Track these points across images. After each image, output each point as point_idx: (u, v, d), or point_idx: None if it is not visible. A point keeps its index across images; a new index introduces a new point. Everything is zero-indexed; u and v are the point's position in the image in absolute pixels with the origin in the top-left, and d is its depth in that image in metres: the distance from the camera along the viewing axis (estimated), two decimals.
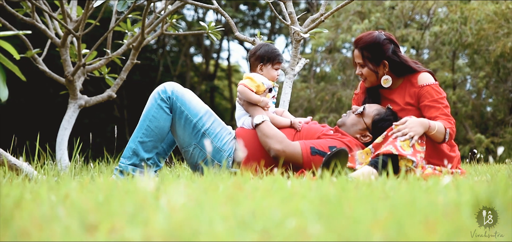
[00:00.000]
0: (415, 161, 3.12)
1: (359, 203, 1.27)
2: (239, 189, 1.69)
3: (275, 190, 1.65)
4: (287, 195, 1.53)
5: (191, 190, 1.51)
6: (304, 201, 1.33)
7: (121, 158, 3.36)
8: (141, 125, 3.37)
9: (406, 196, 1.40)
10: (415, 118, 3.27)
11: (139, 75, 16.56)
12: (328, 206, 1.24)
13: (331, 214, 1.17)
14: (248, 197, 1.45)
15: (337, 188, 1.79)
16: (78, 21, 5.05)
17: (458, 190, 1.48)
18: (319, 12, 4.21)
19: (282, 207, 1.31)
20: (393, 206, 1.25)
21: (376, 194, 1.52)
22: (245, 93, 3.44)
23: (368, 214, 1.14)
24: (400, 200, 1.33)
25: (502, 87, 12.00)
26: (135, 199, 1.30)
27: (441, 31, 11.80)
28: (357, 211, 1.17)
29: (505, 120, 11.79)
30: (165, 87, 3.39)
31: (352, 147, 3.39)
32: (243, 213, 1.26)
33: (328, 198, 1.33)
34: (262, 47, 3.54)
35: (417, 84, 3.48)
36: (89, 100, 5.28)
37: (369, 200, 1.35)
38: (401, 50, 3.59)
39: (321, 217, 1.17)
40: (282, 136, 3.35)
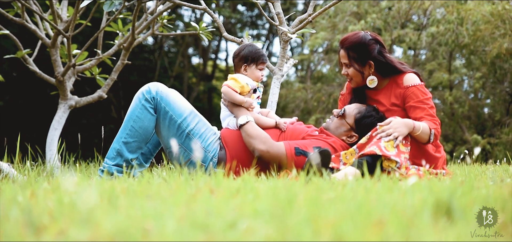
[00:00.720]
0: (399, 162, 3.11)
1: (317, 204, 1.27)
2: (210, 189, 1.68)
3: (242, 190, 1.64)
4: (252, 196, 1.52)
5: (152, 189, 1.50)
6: (262, 202, 1.33)
7: (105, 159, 3.36)
8: (125, 126, 3.37)
9: (367, 197, 1.39)
10: (400, 118, 3.26)
11: (137, 76, 16.56)
12: (282, 207, 1.23)
13: (284, 215, 1.16)
14: (209, 197, 1.44)
15: (310, 188, 1.78)
16: (68, 21, 5.05)
17: (421, 191, 1.47)
18: (307, 12, 4.21)
19: (241, 208, 1.30)
20: (349, 206, 1.24)
21: (343, 195, 1.52)
22: (229, 94, 3.43)
23: (321, 215, 1.14)
24: (359, 201, 1.32)
25: (499, 88, 11.99)
26: (89, 199, 1.29)
27: (438, 32, 11.79)
28: (311, 212, 1.16)
29: (501, 120, 11.77)
30: (149, 87, 3.39)
31: (337, 147, 3.39)
32: (199, 213, 1.25)
33: (287, 198, 1.32)
34: (246, 48, 3.54)
35: (403, 85, 3.47)
36: (80, 100, 5.27)
37: (331, 202, 1.34)
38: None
39: (273, 218, 1.16)
40: (266, 137, 3.34)
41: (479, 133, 12.31)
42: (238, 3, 17.65)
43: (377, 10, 12.19)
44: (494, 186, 1.80)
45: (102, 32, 5.40)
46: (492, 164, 4.67)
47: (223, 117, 3.53)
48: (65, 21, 5.18)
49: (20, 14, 4.96)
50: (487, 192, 1.55)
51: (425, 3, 12.04)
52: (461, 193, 1.34)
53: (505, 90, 12.02)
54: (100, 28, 5.26)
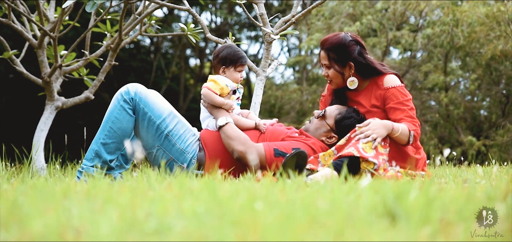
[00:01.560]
0: (377, 163, 3.10)
1: (251, 208, 1.26)
2: (168, 190, 1.68)
3: (197, 191, 1.63)
4: (201, 197, 1.51)
5: (97, 190, 1.50)
6: (203, 203, 1.32)
7: (84, 160, 3.35)
8: (104, 127, 3.36)
9: (313, 199, 1.39)
10: (379, 120, 3.25)
11: (134, 77, 16.55)
12: (224, 208, 1.22)
13: (223, 216, 1.16)
14: (155, 199, 1.43)
15: (272, 191, 1.77)
16: (55, 22, 5.04)
17: (369, 192, 1.46)
18: (291, 13, 4.20)
19: (183, 209, 1.30)
20: (287, 209, 1.23)
21: (292, 197, 1.51)
22: (209, 95, 3.43)
23: (256, 218, 1.13)
24: (303, 203, 1.31)
25: (494, 89, 11.97)
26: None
27: (433, 34, 11.77)
28: (245, 215, 1.15)
29: (496, 122, 11.75)
30: (128, 88, 3.38)
31: (316, 149, 3.38)
32: (140, 215, 1.24)
33: (226, 200, 1.32)
34: (224, 49, 3.53)
35: (383, 86, 3.47)
36: (66, 101, 5.27)
37: (272, 204, 1.33)
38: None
39: (212, 219, 1.15)
40: (245, 138, 3.33)
41: (475, 135, 12.29)
42: (235, 5, 17.64)
43: (372, 11, 12.17)
44: (454, 188, 1.79)
45: (89, 33, 5.40)
46: (471, 165, 4.64)
47: (203, 118, 3.53)
48: (53, 22, 5.18)
49: (7, 15, 4.96)
50: (440, 195, 1.54)
51: (421, 4, 12.02)
52: (409, 195, 1.33)
53: (500, 92, 12.00)
54: (88, 29, 5.26)
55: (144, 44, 17.34)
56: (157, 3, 4.32)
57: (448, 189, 1.76)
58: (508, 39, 10.72)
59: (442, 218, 1.26)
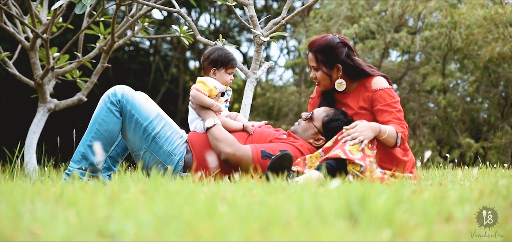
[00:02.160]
0: (363, 166, 3.09)
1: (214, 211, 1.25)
2: (143, 193, 1.67)
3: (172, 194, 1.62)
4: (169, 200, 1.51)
5: (68, 192, 1.49)
6: (163, 204, 1.31)
7: (71, 162, 3.34)
8: (91, 129, 3.35)
9: (276, 199, 1.38)
10: (366, 122, 3.24)
11: (133, 79, 16.56)
12: (184, 210, 1.22)
13: (179, 217, 1.15)
14: (121, 202, 1.43)
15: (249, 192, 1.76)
16: (47, 24, 5.04)
17: (337, 194, 1.46)
18: (281, 15, 4.19)
19: (147, 211, 1.29)
20: (253, 209, 1.23)
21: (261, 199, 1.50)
22: (198, 97, 3.42)
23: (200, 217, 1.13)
24: (267, 204, 1.30)
25: (493, 91, 11.94)
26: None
27: (431, 36, 11.77)
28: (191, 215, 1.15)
29: (495, 124, 11.73)
30: (115, 90, 3.37)
31: (304, 151, 3.37)
32: (100, 217, 1.24)
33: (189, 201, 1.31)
34: (215, 51, 3.52)
35: (371, 88, 3.46)
36: (59, 103, 5.26)
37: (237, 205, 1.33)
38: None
39: (157, 220, 1.15)
40: (233, 139, 3.32)
41: (474, 137, 12.27)
42: (236, 7, 17.64)
43: (370, 14, 12.16)
44: (429, 190, 1.78)
45: (82, 35, 5.40)
46: (460, 167, 4.63)
47: (191, 120, 3.52)
48: (45, 24, 5.17)
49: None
50: (410, 197, 1.53)
51: (419, 7, 12.02)
52: (372, 198, 1.32)
53: (499, 94, 11.98)
54: (80, 31, 5.26)
55: (143, 46, 17.35)
56: (148, 5, 4.32)
57: (421, 191, 1.75)
58: (506, 42, 10.71)
59: (405, 220, 1.25)
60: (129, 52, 17.33)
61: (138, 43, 17.54)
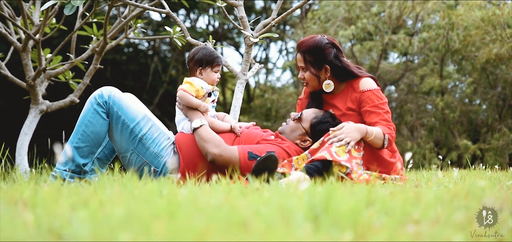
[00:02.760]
0: (350, 167, 3.08)
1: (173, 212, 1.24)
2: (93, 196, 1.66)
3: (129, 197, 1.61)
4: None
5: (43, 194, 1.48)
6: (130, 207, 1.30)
7: (57, 164, 3.33)
8: (77, 130, 3.34)
9: (236, 202, 1.37)
10: (353, 123, 3.23)
11: (132, 81, 16.55)
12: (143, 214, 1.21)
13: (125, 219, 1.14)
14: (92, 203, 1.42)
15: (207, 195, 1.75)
16: (39, 25, 5.04)
17: (306, 196, 1.45)
18: (271, 16, 4.18)
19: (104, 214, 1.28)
20: (218, 211, 1.22)
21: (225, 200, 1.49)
22: (185, 97, 3.41)
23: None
24: (228, 206, 1.30)
25: (491, 93, 11.92)
26: None
27: (429, 37, 11.75)
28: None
29: (493, 126, 11.70)
30: (102, 91, 3.37)
31: (291, 152, 3.36)
32: (62, 219, 1.23)
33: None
34: (200, 51, 3.52)
35: (359, 89, 3.45)
36: (51, 105, 5.26)
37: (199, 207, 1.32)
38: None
39: (127, 223, 1.14)
40: (220, 140, 3.31)
41: (472, 139, 12.24)
42: (232, 8, 17.61)
43: (368, 15, 12.14)
44: (402, 192, 1.77)
45: (75, 36, 5.40)
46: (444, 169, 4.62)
47: (178, 121, 3.51)
48: (37, 25, 5.17)
49: None
50: (380, 199, 1.52)
51: (416, 8, 12.00)
52: (337, 200, 1.31)
53: (497, 95, 11.95)
54: (73, 32, 5.26)
55: (142, 48, 17.34)
56: (138, 6, 4.31)
57: (396, 193, 1.74)
58: (504, 43, 10.69)
59: (369, 222, 1.24)
60: (128, 53, 17.33)
61: (137, 44, 17.54)
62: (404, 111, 12.83)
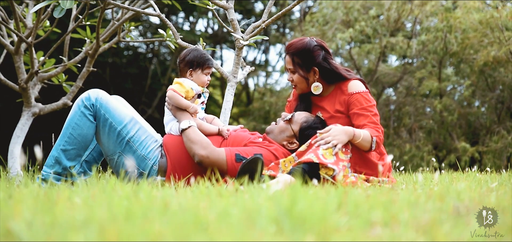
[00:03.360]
0: (336, 170, 3.07)
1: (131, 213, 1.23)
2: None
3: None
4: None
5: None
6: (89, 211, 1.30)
7: (44, 167, 3.32)
8: (64, 133, 3.34)
9: (197, 204, 1.36)
10: (340, 126, 3.22)
11: (131, 83, 16.56)
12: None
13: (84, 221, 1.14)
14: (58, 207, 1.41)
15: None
16: (31, 28, 5.03)
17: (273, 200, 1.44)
18: (261, 19, 4.18)
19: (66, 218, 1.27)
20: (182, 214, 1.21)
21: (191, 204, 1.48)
22: (174, 98, 3.40)
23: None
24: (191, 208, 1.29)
25: (489, 95, 11.90)
26: None
27: (427, 40, 11.74)
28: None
29: (491, 128, 11.67)
30: (89, 94, 3.36)
31: (279, 155, 3.35)
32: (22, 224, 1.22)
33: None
34: (191, 52, 3.51)
35: (347, 92, 3.44)
36: (44, 108, 5.25)
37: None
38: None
39: (85, 226, 1.13)
40: (207, 142, 3.30)
41: (471, 141, 12.21)
42: (235, 11, 17.60)
43: (366, 18, 12.13)
44: (376, 194, 1.76)
45: (67, 39, 5.40)
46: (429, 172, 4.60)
47: (166, 122, 3.51)
48: (30, 27, 5.17)
49: None
50: (347, 201, 1.51)
51: (415, 11, 11.99)
52: (300, 203, 1.30)
53: (495, 98, 11.93)
54: (66, 35, 5.25)
55: (142, 51, 17.35)
56: (128, 9, 4.30)
57: (372, 195, 1.73)
58: (502, 45, 10.67)
59: (335, 225, 1.23)
60: (128, 56, 17.34)
61: (136, 47, 17.55)
62: (402, 114, 12.82)
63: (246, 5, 16.71)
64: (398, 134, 12.86)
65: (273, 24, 18.57)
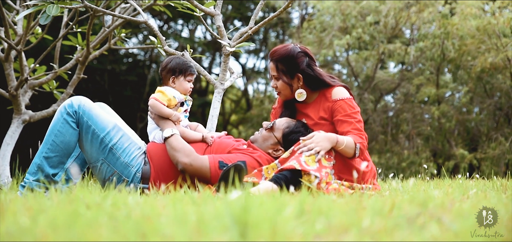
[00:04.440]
0: (319, 177, 3.05)
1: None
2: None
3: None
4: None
5: None
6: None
7: (26, 174, 3.31)
8: (47, 140, 3.32)
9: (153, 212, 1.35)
10: (323, 132, 3.20)
11: (130, 91, 16.57)
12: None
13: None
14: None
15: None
16: (21, 35, 5.04)
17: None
18: (248, 26, 4.17)
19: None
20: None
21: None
22: (156, 106, 3.39)
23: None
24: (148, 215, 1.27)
25: (487, 102, 11.86)
26: None
27: (425, 46, 11.73)
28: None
29: (489, 135, 11.64)
30: (72, 101, 3.35)
31: (262, 162, 3.33)
32: None
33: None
34: (173, 60, 3.51)
35: (331, 99, 3.42)
36: (34, 115, 5.25)
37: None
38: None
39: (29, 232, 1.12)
40: (190, 150, 3.29)
41: (470, 148, 12.17)
42: (235, 17, 17.63)
43: (363, 24, 12.13)
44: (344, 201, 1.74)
45: (57, 46, 5.40)
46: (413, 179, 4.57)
47: (150, 130, 3.50)
48: (20, 35, 5.17)
49: None
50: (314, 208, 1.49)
51: (412, 18, 11.98)
52: (255, 209, 1.28)
53: (493, 104, 11.89)
54: (57, 42, 5.26)
55: (141, 58, 17.37)
56: (117, 16, 4.30)
57: (335, 202, 1.71)
58: (499, 52, 10.64)
59: (288, 232, 1.21)
60: (127, 63, 17.36)
61: (136, 55, 17.59)
62: (400, 121, 12.80)
63: (244, 12, 16.71)
64: (396, 140, 12.83)
65: (273, 31, 18.61)
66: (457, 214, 1.42)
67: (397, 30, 12.57)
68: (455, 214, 1.42)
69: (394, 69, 14.62)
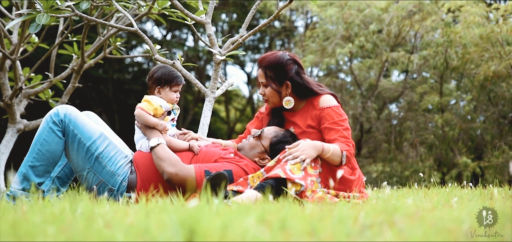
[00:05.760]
0: (304, 185, 3.02)
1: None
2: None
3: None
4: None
5: None
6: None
7: (12, 183, 3.30)
8: (32, 149, 3.31)
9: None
10: (309, 140, 3.18)
11: (134, 99, 16.60)
12: None
13: None
14: None
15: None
16: (15, 44, 5.05)
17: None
18: (239, 34, 4.15)
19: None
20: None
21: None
22: (142, 116, 3.38)
23: None
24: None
25: (491, 110, 11.78)
26: None
27: (428, 55, 11.68)
28: None
29: (493, 143, 11.54)
30: (57, 110, 3.34)
31: (249, 170, 3.31)
32: None
33: None
34: (159, 70, 3.50)
35: (319, 106, 3.40)
36: (29, 124, 5.25)
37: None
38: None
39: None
40: (176, 159, 3.27)
41: (474, 156, 12.08)
42: (238, 26, 17.66)
43: (366, 33, 12.10)
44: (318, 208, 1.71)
45: (52, 55, 5.41)
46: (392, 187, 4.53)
47: (137, 139, 3.48)
48: (14, 44, 5.18)
49: None
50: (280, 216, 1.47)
51: (415, 26, 11.94)
52: (204, 219, 1.26)
53: (497, 112, 11.80)
54: (52, 51, 5.27)
55: (146, 68, 17.41)
56: (110, 25, 4.30)
57: (302, 211, 1.68)
58: (502, 60, 10.57)
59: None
60: (133, 72, 17.41)
61: (141, 64, 17.64)
62: (404, 129, 12.73)
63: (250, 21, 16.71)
64: (400, 149, 12.76)
65: (278, 39, 18.60)
66: (420, 222, 1.39)
67: (400, 38, 12.52)
68: (418, 223, 1.39)
69: (397, 78, 14.57)
